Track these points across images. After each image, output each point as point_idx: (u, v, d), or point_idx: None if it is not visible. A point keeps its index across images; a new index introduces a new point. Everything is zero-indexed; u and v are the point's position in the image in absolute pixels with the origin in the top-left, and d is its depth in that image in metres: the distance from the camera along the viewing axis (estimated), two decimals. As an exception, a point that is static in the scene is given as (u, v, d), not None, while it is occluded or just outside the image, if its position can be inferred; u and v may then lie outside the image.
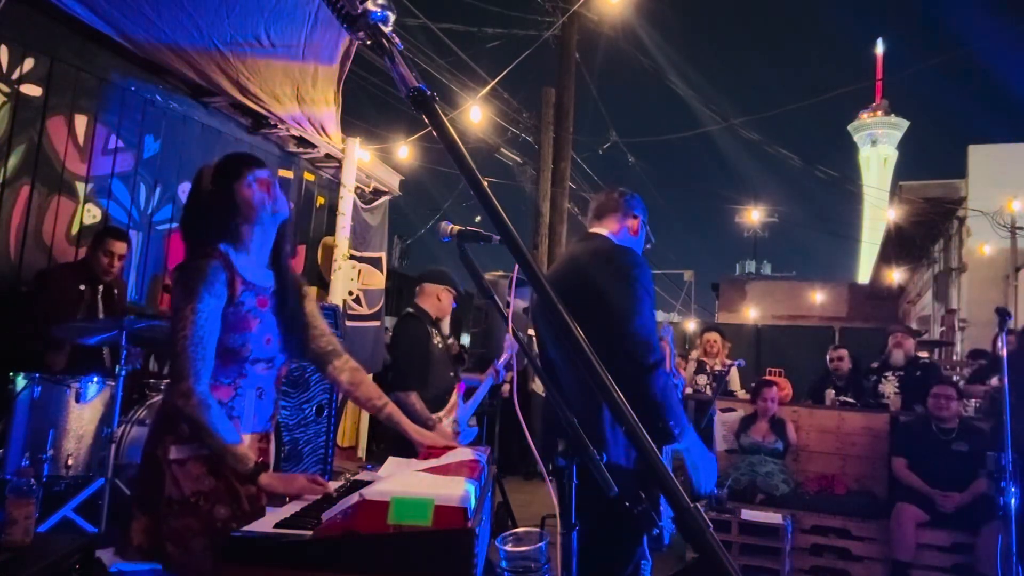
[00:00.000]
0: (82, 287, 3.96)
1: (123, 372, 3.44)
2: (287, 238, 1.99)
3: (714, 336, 6.63)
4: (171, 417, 1.75)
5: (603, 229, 2.53)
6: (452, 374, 3.76)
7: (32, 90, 4.16)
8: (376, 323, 7.17)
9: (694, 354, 6.93)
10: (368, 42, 0.92)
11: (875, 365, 5.85)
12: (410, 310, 3.80)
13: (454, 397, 3.70)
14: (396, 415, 2.14)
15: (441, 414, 3.56)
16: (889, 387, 5.52)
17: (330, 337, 2.07)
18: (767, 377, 5.96)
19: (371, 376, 2.16)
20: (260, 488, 1.70)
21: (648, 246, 2.63)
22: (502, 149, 12.17)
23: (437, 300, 3.79)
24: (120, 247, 4.06)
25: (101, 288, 4.06)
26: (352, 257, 6.48)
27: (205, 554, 1.66)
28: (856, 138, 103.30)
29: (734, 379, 6.51)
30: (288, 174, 6.30)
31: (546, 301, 0.91)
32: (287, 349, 1.90)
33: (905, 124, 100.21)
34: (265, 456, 1.89)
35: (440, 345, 3.70)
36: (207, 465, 1.71)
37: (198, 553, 1.66)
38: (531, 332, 3.69)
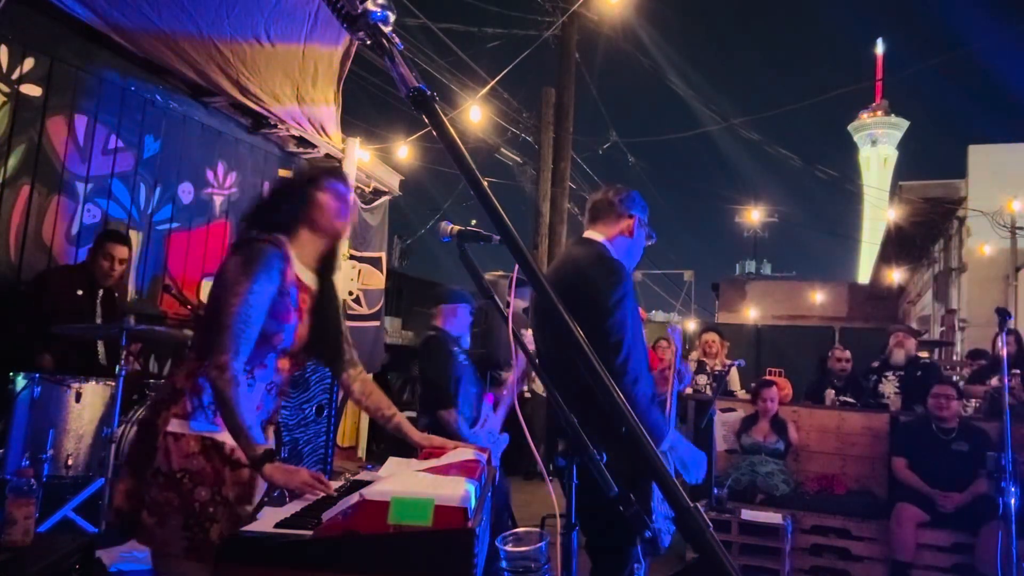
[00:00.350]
0: (80, 292, 3.94)
1: (123, 372, 3.44)
2: (337, 251, 2.05)
3: (712, 336, 6.64)
4: (179, 391, 1.78)
5: (597, 234, 2.51)
6: (478, 389, 3.83)
7: (32, 90, 4.16)
8: (376, 323, 7.17)
9: (693, 355, 6.93)
10: (368, 42, 0.92)
11: (875, 364, 5.85)
12: (431, 332, 3.88)
13: (485, 408, 3.76)
14: (404, 425, 2.16)
15: (476, 428, 3.63)
16: (889, 387, 5.52)
17: (348, 347, 2.13)
18: (767, 377, 5.96)
19: (370, 377, 2.19)
20: (263, 477, 1.70)
21: (649, 242, 2.60)
22: (502, 149, 12.17)
23: (454, 317, 3.85)
24: (121, 251, 4.04)
25: (101, 293, 4.04)
26: (352, 257, 6.48)
27: (178, 533, 1.67)
28: (856, 138, 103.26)
29: (734, 379, 6.51)
30: (288, 174, 6.29)
31: (546, 301, 0.91)
32: (313, 351, 1.96)
33: (905, 124, 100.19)
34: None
35: (464, 362, 3.77)
36: (200, 445, 1.73)
37: (172, 530, 1.67)
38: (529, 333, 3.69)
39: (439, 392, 3.60)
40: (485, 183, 0.90)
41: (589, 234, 2.53)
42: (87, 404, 3.50)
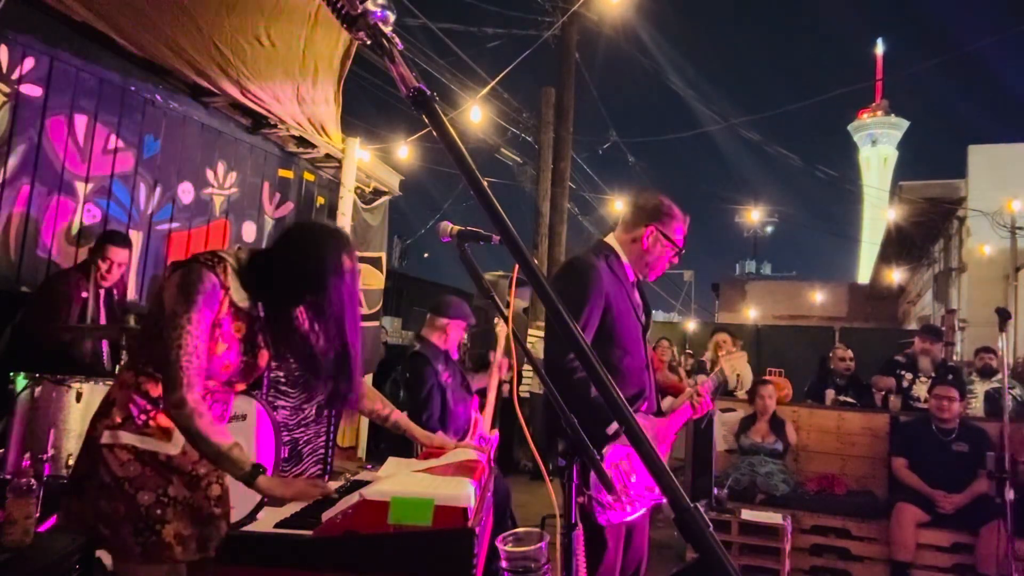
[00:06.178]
0: (84, 294, 3.93)
1: (123, 372, 3.44)
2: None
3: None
4: (112, 402, 1.78)
5: (612, 238, 2.58)
6: (466, 397, 3.78)
7: (32, 90, 4.16)
8: (375, 323, 7.17)
9: (706, 355, 6.92)
10: (368, 42, 0.92)
11: (901, 360, 5.84)
12: (416, 346, 3.78)
13: (474, 416, 3.73)
14: (403, 422, 2.16)
15: (469, 440, 3.61)
16: (922, 390, 5.53)
17: None
18: (766, 377, 5.96)
19: (369, 377, 2.17)
20: (259, 492, 1.70)
21: (673, 257, 2.58)
22: (502, 149, 12.17)
23: (444, 333, 3.76)
24: (120, 255, 3.97)
25: (103, 293, 4.04)
26: (352, 257, 6.47)
27: (130, 539, 1.67)
28: (856, 138, 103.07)
29: (745, 373, 6.43)
30: (288, 174, 6.30)
31: (545, 300, 0.91)
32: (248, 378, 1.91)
33: (905, 124, 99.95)
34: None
35: (451, 377, 3.70)
36: (133, 452, 1.72)
37: (125, 537, 1.67)
38: (531, 332, 3.68)
39: (418, 420, 3.56)
40: (485, 183, 0.90)
41: (608, 237, 2.61)
42: (87, 404, 3.50)
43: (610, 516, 2.23)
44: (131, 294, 4.71)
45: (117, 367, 3.47)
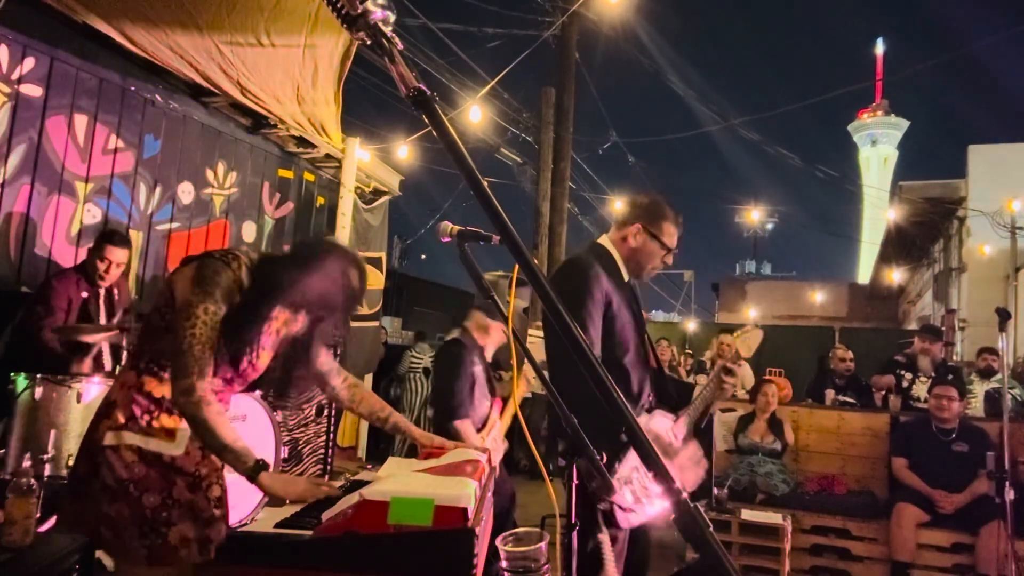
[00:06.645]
0: (84, 294, 3.93)
1: (123, 372, 3.44)
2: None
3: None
4: (113, 403, 1.75)
5: (605, 238, 2.60)
6: (489, 396, 3.83)
7: (32, 90, 4.16)
8: (375, 323, 7.17)
9: (708, 354, 6.93)
10: (368, 42, 0.92)
11: (901, 359, 5.84)
12: (455, 335, 3.87)
13: (493, 414, 3.75)
14: (402, 423, 2.16)
15: (483, 434, 3.64)
16: (922, 389, 5.54)
17: (328, 358, 2.08)
18: (767, 377, 5.97)
19: (369, 378, 2.18)
20: (261, 490, 1.69)
21: (665, 256, 2.57)
22: (502, 149, 12.16)
23: (486, 333, 3.83)
24: (119, 255, 3.95)
25: (102, 293, 4.03)
26: (352, 257, 6.48)
27: (135, 542, 1.65)
28: (856, 138, 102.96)
29: (747, 376, 6.45)
30: (288, 174, 6.30)
31: (545, 300, 0.91)
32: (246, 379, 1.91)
33: (905, 124, 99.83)
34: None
35: (481, 372, 3.75)
36: (138, 454, 1.70)
37: (130, 540, 1.65)
38: (530, 332, 3.69)
39: (448, 403, 3.60)
40: (485, 183, 0.90)
41: (601, 237, 2.63)
42: (88, 404, 3.50)
43: (631, 518, 2.24)
44: (131, 294, 4.71)
45: (117, 367, 3.47)
